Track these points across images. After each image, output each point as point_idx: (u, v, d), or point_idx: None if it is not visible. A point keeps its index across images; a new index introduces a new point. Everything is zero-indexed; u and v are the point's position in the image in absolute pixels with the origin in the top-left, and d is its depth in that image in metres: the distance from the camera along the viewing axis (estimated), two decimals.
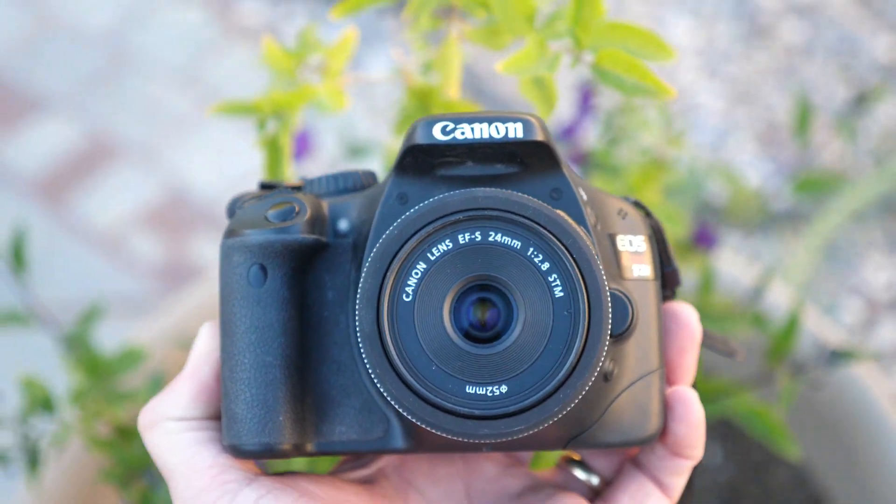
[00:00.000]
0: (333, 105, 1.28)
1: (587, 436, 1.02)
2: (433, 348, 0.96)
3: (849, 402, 2.15)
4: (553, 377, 0.95)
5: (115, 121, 3.45)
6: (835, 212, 2.89)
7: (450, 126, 0.99)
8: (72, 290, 3.05)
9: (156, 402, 1.06)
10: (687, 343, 1.09)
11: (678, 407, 1.05)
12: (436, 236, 0.97)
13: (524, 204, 0.97)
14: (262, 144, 1.28)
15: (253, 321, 1.02)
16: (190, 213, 3.28)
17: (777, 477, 2.32)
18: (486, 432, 0.95)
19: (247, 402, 1.02)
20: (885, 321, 2.90)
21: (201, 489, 1.00)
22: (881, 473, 2.11)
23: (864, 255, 2.99)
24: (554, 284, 0.96)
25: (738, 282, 2.11)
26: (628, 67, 1.14)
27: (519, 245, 0.97)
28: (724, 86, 3.40)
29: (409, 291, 0.97)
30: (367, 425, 1.04)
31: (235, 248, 1.03)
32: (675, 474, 1.07)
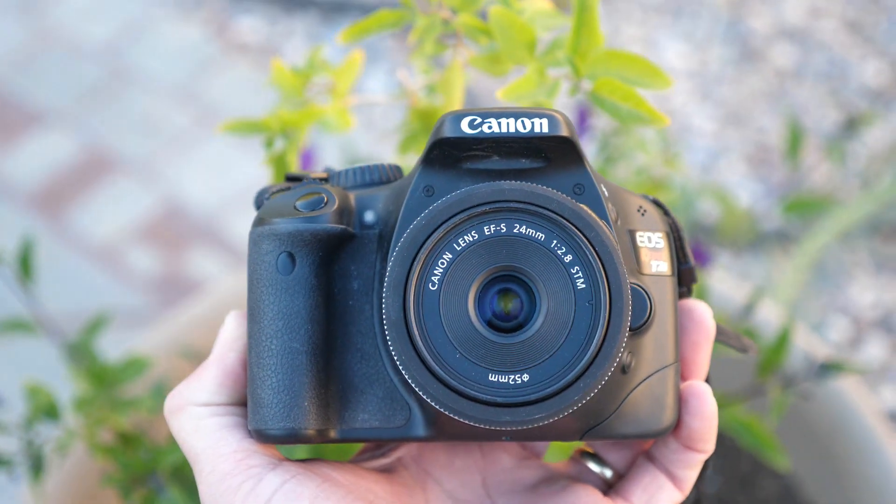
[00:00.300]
0: (340, 125, 1.31)
1: (604, 426, 1.04)
2: (457, 337, 0.98)
3: (835, 416, 2.17)
4: (574, 367, 0.97)
5: (113, 135, 3.47)
6: (823, 232, 2.92)
7: (477, 120, 1.01)
8: (70, 301, 3.07)
9: (182, 387, 1.08)
10: (701, 339, 1.10)
11: (692, 401, 1.06)
12: (462, 227, 0.99)
13: (549, 197, 0.99)
14: (270, 162, 1.31)
15: (281, 308, 1.04)
16: (187, 227, 3.30)
17: (765, 489, 2.34)
18: (508, 419, 0.97)
19: (273, 388, 1.03)
20: (871, 340, 2.93)
21: (226, 473, 1.02)
22: (865, 486, 2.13)
23: (851, 276, 3.03)
24: (576, 276, 0.98)
25: (730, 299, 2.14)
26: (624, 96, 1.17)
27: (543, 237, 0.99)
28: (716, 108, 3.43)
29: (435, 280, 0.99)
30: (389, 413, 1.05)
31: (265, 236, 1.05)
32: (688, 467, 1.09)
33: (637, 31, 3.58)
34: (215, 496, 1.02)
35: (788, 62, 3.50)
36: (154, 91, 3.56)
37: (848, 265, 3.04)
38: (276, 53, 3.59)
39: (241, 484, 1.01)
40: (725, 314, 1.99)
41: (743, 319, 1.94)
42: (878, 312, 2.98)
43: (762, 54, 3.52)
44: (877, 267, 3.04)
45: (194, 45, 3.65)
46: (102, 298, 3.12)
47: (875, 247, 3.06)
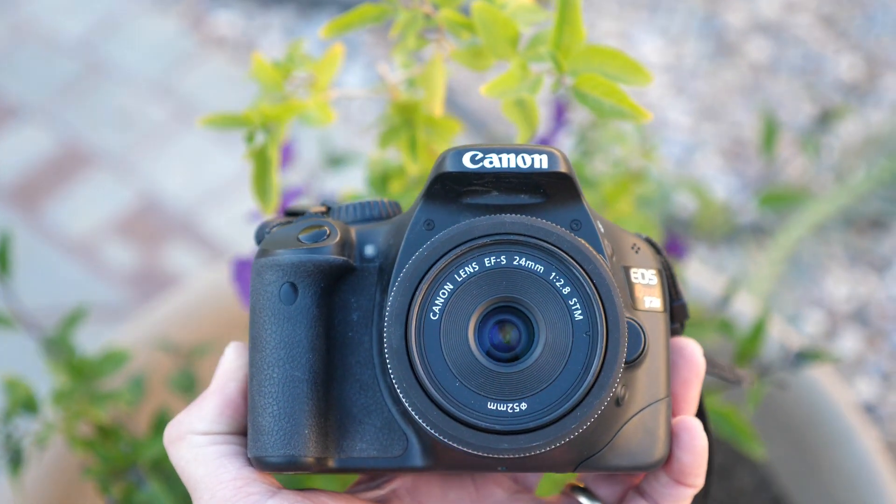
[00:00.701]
0: (321, 119, 1.31)
1: (597, 458, 1.06)
2: (457, 365, 1.00)
3: (810, 407, 2.19)
4: (571, 396, 0.99)
5: (90, 130, 3.46)
6: (797, 225, 2.94)
7: (479, 155, 1.03)
8: (47, 296, 3.07)
9: (182, 416, 1.09)
10: (691, 376, 1.12)
11: (684, 435, 1.08)
12: (463, 258, 1.01)
13: (548, 230, 1.01)
14: (251, 156, 1.31)
15: (283, 337, 1.06)
16: (164, 221, 3.30)
17: (740, 480, 2.35)
18: (506, 447, 0.99)
19: (274, 415, 1.05)
20: (846, 333, 2.95)
21: (225, 499, 1.03)
22: (840, 476, 2.15)
23: (825, 269, 3.04)
24: (574, 308, 1.00)
25: (706, 291, 2.15)
26: (606, 91, 1.18)
27: (542, 269, 1.01)
28: (692, 102, 3.44)
29: (437, 311, 1.01)
30: (387, 443, 1.07)
31: (268, 266, 1.07)
32: (677, 502, 1.10)
33: (613, 25, 3.59)
34: None
35: (763, 56, 3.51)
36: (130, 85, 3.55)
37: (822, 258, 3.05)
38: (252, 48, 3.59)
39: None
40: (702, 306, 2.00)
41: (719, 311, 1.96)
42: (853, 305, 2.99)
43: (737, 49, 3.53)
44: (851, 260, 3.06)
45: (171, 40, 3.64)
46: (79, 293, 3.12)
47: (849, 240, 3.07)
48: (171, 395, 2.03)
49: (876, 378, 2.87)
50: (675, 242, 1.87)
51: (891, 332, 2.95)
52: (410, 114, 1.35)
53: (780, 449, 2.28)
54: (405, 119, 1.36)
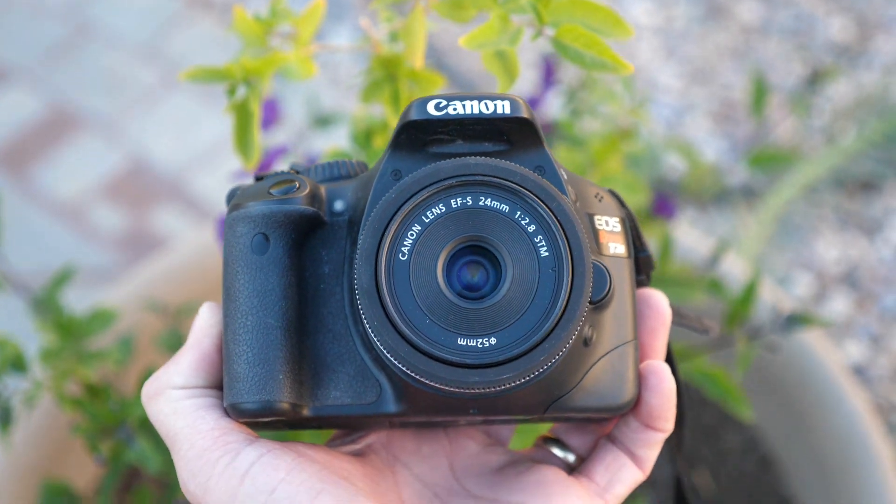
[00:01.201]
0: (303, 72, 1.31)
1: (567, 399, 1.07)
2: (427, 304, 1.01)
3: (799, 369, 2.19)
4: (539, 329, 1.00)
5: (78, 92, 3.45)
6: (787, 187, 2.94)
7: (442, 103, 1.05)
8: (36, 259, 3.06)
9: (159, 373, 1.11)
10: (658, 325, 1.14)
11: (651, 378, 1.10)
12: (430, 200, 1.03)
13: (512, 171, 1.03)
14: (232, 110, 1.31)
15: (256, 286, 1.08)
16: (152, 184, 3.29)
17: (729, 440, 2.36)
18: (477, 380, 0.99)
19: (248, 361, 1.06)
20: (835, 295, 2.95)
21: (204, 449, 1.04)
22: (829, 437, 2.15)
23: (815, 231, 3.04)
24: (539, 245, 1.02)
25: (695, 252, 2.15)
26: (588, 43, 1.18)
27: (507, 209, 1.02)
28: (682, 65, 3.44)
29: (405, 251, 1.02)
30: (361, 390, 1.08)
31: (240, 218, 1.09)
32: (648, 447, 1.12)
33: None
34: (194, 472, 1.04)
35: (754, 18, 3.50)
36: (118, 48, 3.54)
37: (813, 220, 3.05)
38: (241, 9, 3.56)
39: (219, 458, 1.04)
40: (691, 266, 2.00)
41: (708, 271, 1.96)
42: (843, 268, 3.00)
43: (728, 11, 3.52)
44: (841, 223, 3.06)
45: (158, 2, 3.63)
46: (68, 256, 3.11)
47: (840, 202, 3.08)
48: (159, 354, 2.03)
49: (865, 340, 2.88)
50: (665, 203, 1.87)
51: (881, 295, 2.96)
52: (393, 68, 1.35)
53: (769, 410, 2.28)
54: (388, 73, 1.36)
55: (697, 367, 1.74)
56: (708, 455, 2.35)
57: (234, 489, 1.02)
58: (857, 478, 2.08)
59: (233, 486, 1.02)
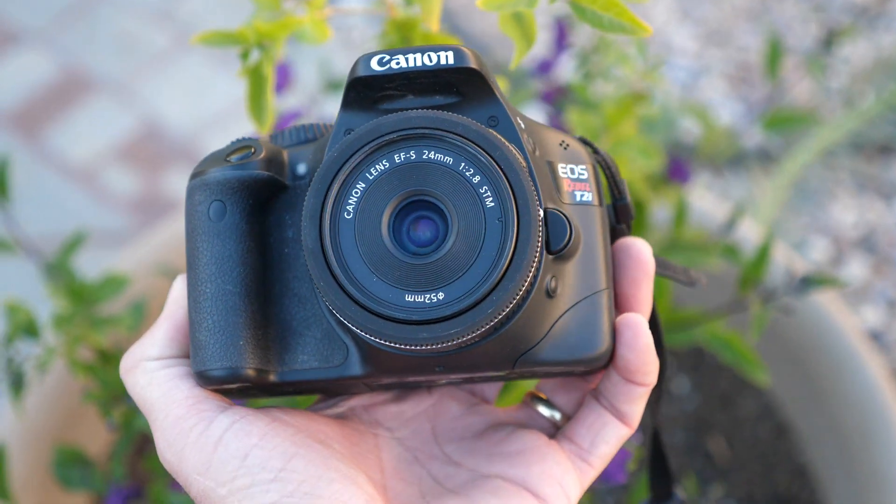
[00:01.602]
0: (317, 36, 1.29)
1: (534, 352, 1.05)
2: (373, 261, 1.00)
3: (815, 334, 2.18)
4: (486, 281, 0.98)
5: (90, 55, 3.45)
6: (804, 151, 2.92)
7: (385, 58, 1.03)
8: (48, 222, 3.06)
9: (135, 347, 1.11)
10: (639, 275, 1.11)
11: (626, 332, 1.07)
12: (373, 157, 1.01)
13: (454, 122, 1.01)
14: (246, 74, 1.30)
15: (214, 253, 1.07)
16: (165, 147, 3.29)
17: (744, 407, 2.36)
18: (425, 336, 0.98)
19: (209, 329, 1.06)
20: (852, 260, 2.93)
21: (179, 417, 1.05)
22: (845, 403, 2.15)
23: (832, 195, 3.02)
24: (485, 195, 1.00)
25: (710, 216, 2.14)
26: (605, 4, 1.15)
27: (451, 161, 1.01)
28: (697, 27, 3.41)
29: (350, 210, 1.01)
30: (328, 353, 1.08)
31: (198, 186, 1.08)
32: (631, 401, 1.10)
33: None
34: (169, 440, 1.05)
35: None
36: (131, 10, 3.53)
37: (829, 184, 3.03)
38: None
39: (193, 426, 1.04)
40: (706, 231, 1.99)
41: (723, 236, 1.94)
42: (860, 232, 2.98)
43: None
44: (858, 186, 3.04)
45: None
46: (81, 219, 3.11)
47: (857, 166, 3.06)
48: None
49: (882, 305, 2.86)
50: (679, 167, 1.85)
51: None
52: (408, 31, 1.33)
53: (785, 376, 2.27)
54: (402, 37, 1.34)
55: (712, 332, 1.73)
56: (723, 421, 2.34)
57: (209, 456, 1.03)
58: (874, 446, 2.07)
59: (207, 453, 1.03)
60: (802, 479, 2.27)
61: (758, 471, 2.29)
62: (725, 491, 2.27)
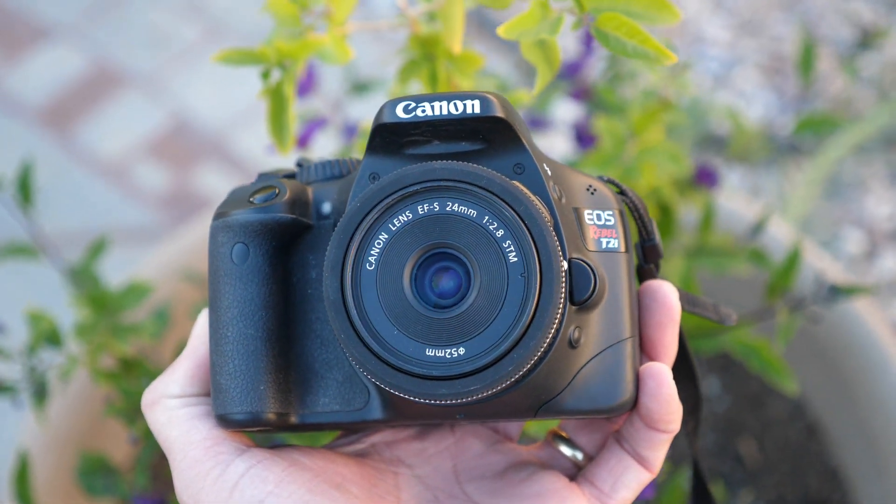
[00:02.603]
0: (339, 56, 1.28)
1: (556, 402, 1.05)
2: (395, 314, 1.00)
3: (845, 334, 2.16)
4: (507, 338, 0.98)
5: (120, 49, 3.45)
6: (835, 147, 2.89)
7: (411, 105, 1.03)
8: (78, 218, 3.07)
9: (157, 382, 1.11)
10: (665, 320, 1.10)
11: (649, 382, 1.06)
12: (396, 207, 1.01)
13: (478, 174, 1.00)
14: (266, 95, 1.29)
15: (236, 296, 1.07)
16: (195, 142, 3.29)
17: (774, 408, 2.34)
18: (444, 392, 0.98)
19: (230, 373, 1.06)
20: (886, 253, 2.91)
21: (196, 460, 1.05)
22: (875, 406, 2.13)
23: (866, 187, 3.00)
24: (508, 250, 0.99)
25: (739, 218, 2.11)
26: (630, 32, 1.14)
27: (475, 214, 1.00)
28: (730, 17, 3.39)
29: (372, 261, 1.01)
30: (349, 397, 1.08)
31: (221, 228, 1.08)
32: (653, 448, 1.09)
33: None
34: (186, 482, 1.05)
35: None
36: (160, 3, 3.53)
37: (863, 177, 3.01)
38: None
39: (210, 470, 1.05)
40: (735, 233, 1.97)
41: (751, 240, 1.92)
42: (894, 224, 2.95)
43: None
44: (893, 178, 3.01)
45: None
46: (111, 215, 3.12)
47: (891, 158, 3.03)
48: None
49: None
50: (707, 171, 1.83)
51: None
52: (431, 48, 1.32)
53: (815, 377, 2.25)
54: (425, 53, 1.33)
55: (739, 339, 1.72)
56: (753, 423, 2.32)
57: (224, 501, 1.03)
58: None
59: (223, 498, 1.03)
60: (834, 481, 2.25)
61: (788, 473, 2.28)
62: (755, 495, 2.25)
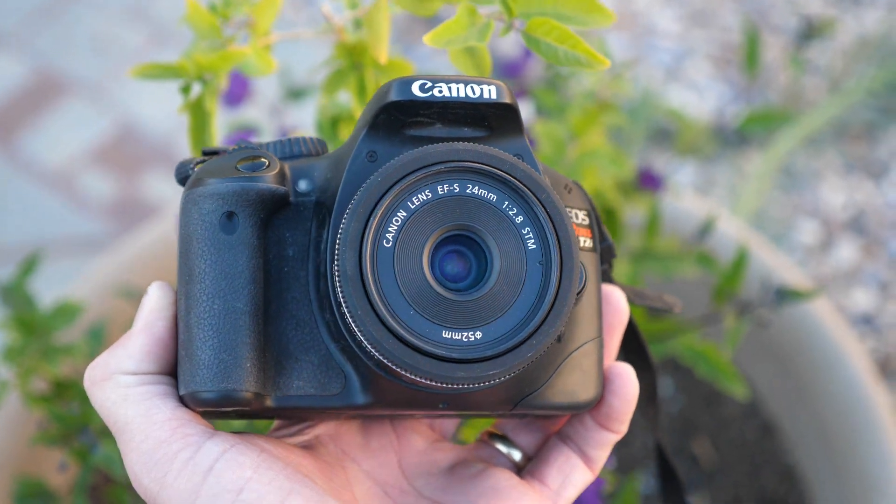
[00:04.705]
0: (261, 68, 1.24)
1: (537, 395, 1.04)
2: (412, 294, 0.98)
3: (798, 330, 2.16)
4: (526, 325, 0.97)
5: (64, 57, 3.41)
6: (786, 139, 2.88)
7: (427, 84, 1.01)
8: (24, 229, 3.03)
9: (105, 357, 1.03)
10: (616, 322, 1.12)
11: (616, 380, 1.08)
12: (416, 186, 0.99)
13: (501, 159, 0.99)
14: (187, 110, 1.25)
15: (224, 268, 1.02)
16: (141, 149, 3.25)
17: (729, 407, 2.33)
18: (462, 375, 0.96)
19: (214, 347, 1.01)
20: (842, 242, 2.90)
21: (162, 440, 0.98)
22: (829, 404, 2.12)
23: (820, 177, 2.99)
24: (527, 236, 0.99)
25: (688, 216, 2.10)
26: (560, 37, 1.12)
27: (495, 198, 0.99)
28: (681, 8, 3.37)
29: (390, 238, 0.98)
30: (325, 381, 1.04)
31: (206, 195, 1.03)
32: (601, 447, 1.10)
33: None
34: (149, 465, 0.98)
35: None
36: (103, 9, 3.49)
37: (817, 168, 2.99)
38: None
39: (179, 452, 0.98)
40: (683, 234, 1.95)
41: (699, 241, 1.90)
42: (850, 213, 2.94)
43: None
44: (847, 167, 3.00)
45: None
46: (59, 225, 3.08)
47: (845, 148, 3.02)
48: None
49: (874, 288, 2.83)
50: (650, 175, 1.81)
51: (888, 240, 2.91)
52: (358, 56, 1.29)
53: (768, 374, 2.25)
54: (353, 62, 1.30)
55: (687, 344, 1.71)
56: (708, 423, 2.31)
57: (197, 486, 0.97)
58: (860, 446, 2.04)
59: (195, 482, 0.97)
60: (790, 480, 2.24)
61: (744, 473, 2.27)
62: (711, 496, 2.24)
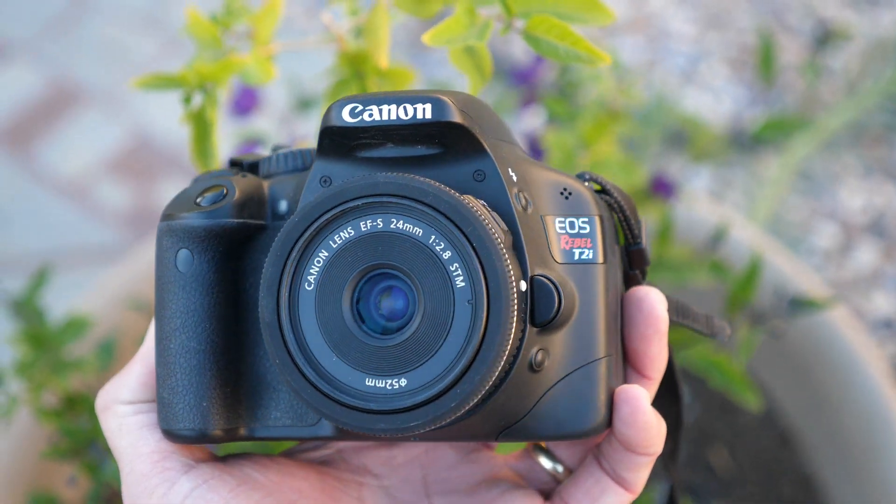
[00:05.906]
0: (262, 76, 1.24)
1: (519, 427, 0.98)
2: (334, 339, 0.93)
3: (815, 338, 2.13)
4: (451, 371, 0.91)
5: (78, 66, 3.41)
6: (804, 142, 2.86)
7: (358, 108, 0.95)
8: (39, 239, 3.03)
9: (110, 385, 1.06)
10: (649, 332, 1.01)
11: (623, 408, 0.98)
12: (337, 223, 0.93)
13: (424, 190, 0.92)
14: (188, 120, 1.24)
15: (179, 306, 1.00)
16: (156, 158, 3.25)
17: (746, 415, 2.30)
18: (383, 427, 0.91)
19: (172, 388, 1.00)
20: (862, 245, 2.87)
21: (143, 474, 1.00)
22: (847, 413, 2.10)
23: (839, 180, 2.96)
24: (455, 274, 0.92)
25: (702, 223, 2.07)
26: (561, 34, 1.10)
27: (421, 232, 0.93)
28: (696, 10, 3.35)
29: (311, 280, 0.94)
30: (302, 411, 1.02)
31: (165, 231, 1.01)
32: (633, 469, 1.01)
33: None
34: (133, 497, 1.01)
35: None
36: (117, 19, 3.49)
37: (835, 171, 2.97)
38: None
39: (156, 488, 1.00)
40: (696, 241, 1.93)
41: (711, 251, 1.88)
42: (869, 216, 2.92)
43: None
44: (866, 170, 2.97)
45: None
46: (74, 234, 3.08)
47: (862, 151, 2.99)
48: None
49: (894, 291, 2.80)
50: (663, 182, 1.78)
51: None
52: (360, 65, 1.27)
53: (786, 383, 2.22)
54: (355, 70, 1.28)
55: (700, 354, 1.68)
56: (724, 431, 2.29)
57: None
58: (879, 454, 2.02)
59: None
60: (807, 489, 2.22)
61: (761, 482, 2.24)
62: None
